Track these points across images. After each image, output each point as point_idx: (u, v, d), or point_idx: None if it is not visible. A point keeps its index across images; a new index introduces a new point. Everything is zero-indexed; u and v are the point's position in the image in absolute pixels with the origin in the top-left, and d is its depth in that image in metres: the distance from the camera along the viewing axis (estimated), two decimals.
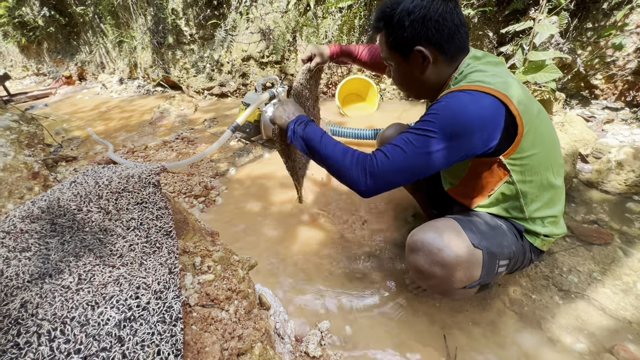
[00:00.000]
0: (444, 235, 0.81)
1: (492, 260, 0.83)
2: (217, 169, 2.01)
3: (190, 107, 3.16)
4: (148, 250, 0.59)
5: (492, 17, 2.17)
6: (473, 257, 0.80)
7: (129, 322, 0.45)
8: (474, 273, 0.81)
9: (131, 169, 0.77)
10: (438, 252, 0.80)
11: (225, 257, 0.86)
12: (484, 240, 0.82)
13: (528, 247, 0.90)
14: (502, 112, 0.74)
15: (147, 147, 2.43)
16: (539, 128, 0.79)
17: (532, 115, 0.78)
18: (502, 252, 0.84)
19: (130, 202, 0.66)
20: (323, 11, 2.79)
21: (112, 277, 0.52)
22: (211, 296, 0.69)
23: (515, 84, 0.78)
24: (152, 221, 0.64)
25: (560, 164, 0.89)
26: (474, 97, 0.74)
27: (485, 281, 0.85)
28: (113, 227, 0.61)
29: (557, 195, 0.89)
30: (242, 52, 3.28)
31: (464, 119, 0.72)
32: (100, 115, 3.50)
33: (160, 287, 0.51)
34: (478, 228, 0.85)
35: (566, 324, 0.99)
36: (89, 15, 4.64)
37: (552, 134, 0.87)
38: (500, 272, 0.86)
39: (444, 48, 0.80)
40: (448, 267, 0.79)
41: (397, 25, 0.80)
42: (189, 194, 1.71)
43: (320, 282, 1.21)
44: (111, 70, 4.86)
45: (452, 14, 0.77)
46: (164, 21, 3.73)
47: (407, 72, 0.87)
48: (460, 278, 0.81)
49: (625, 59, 1.98)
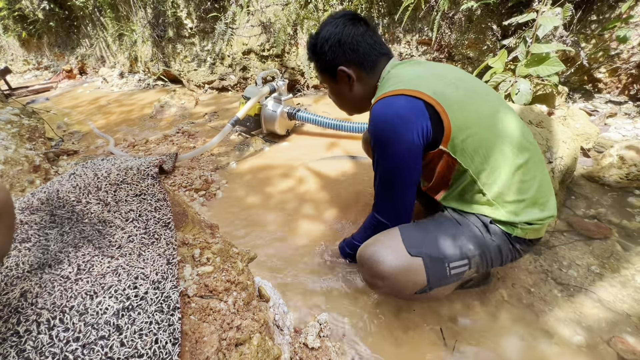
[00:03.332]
0: (382, 249, 0.88)
1: (437, 265, 0.85)
2: (218, 163, 2.01)
3: (191, 101, 3.16)
4: (146, 241, 0.59)
5: (495, 9, 2.14)
6: (411, 266, 0.85)
7: (127, 311, 0.45)
8: (418, 280, 0.85)
9: (130, 161, 0.77)
10: (375, 265, 0.86)
11: (224, 250, 0.87)
12: (425, 247, 0.85)
13: (504, 240, 0.87)
14: (418, 105, 0.79)
15: (148, 140, 2.43)
16: (469, 108, 0.81)
17: (456, 99, 0.81)
18: (453, 254, 0.85)
19: (129, 194, 0.66)
20: (324, 3, 2.77)
21: (111, 268, 0.52)
22: (210, 287, 0.69)
23: (427, 77, 0.84)
24: (150, 213, 0.64)
25: (521, 138, 0.85)
26: (387, 102, 0.82)
27: (439, 284, 0.87)
28: (112, 218, 0.62)
29: (527, 174, 0.84)
30: (242, 45, 3.26)
31: (385, 124, 0.80)
32: (100, 109, 3.49)
33: (158, 278, 0.52)
34: (421, 235, 0.88)
35: (564, 317, 1.00)
36: (89, 8, 4.61)
37: (495, 110, 0.85)
38: (457, 273, 0.86)
39: (363, 65, 0.91)
40: (387, 278, 0.85)
41: (319, 51, 0.93)
42: (190, 188, 1.72)
43: (321, 275, 1.21)
44: (112, 64, 4.85)
45: (364, 35, 0.89)
46: (164, 14, 3.71)
47: (339, 91, 0.99)
48: (404, 286, 0.86)
49: (630, 52, 1.96)
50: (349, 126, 1.98)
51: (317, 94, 3.08)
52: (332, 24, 0.91)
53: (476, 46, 2.32)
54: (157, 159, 0.77)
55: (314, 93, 3.12)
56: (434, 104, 0.79)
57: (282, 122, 2.15)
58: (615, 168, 1.50)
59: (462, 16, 2.20)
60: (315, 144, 2.15)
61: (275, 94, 2.11)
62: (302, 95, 3.09)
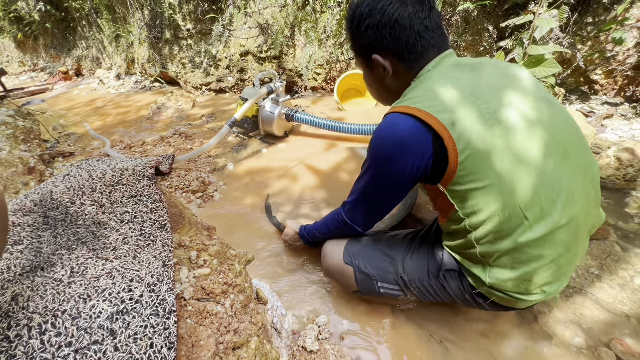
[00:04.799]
0: (330, 247, 1.01)
1: (365, 279, 0.92)
2: (215, 165, 2.00)
3: (188, 103, 3.14)
4: (142, 243, 0.58)
5: (491, 11, 2.15)
6: (343, 270, 0.96)
7: (122, 315, 0.44)
8: (350, 283, 0.96)
9: (125, 162, 0.76)
10: (323, 258, 1.02)
11: (221, 251, 0.86)
12: (360, 260, 0.93)
13: (459, 288, 0.80)
14: (422, 132, 0.64)
15: (145, 142, 2.42)
16: (496, 156, 0.62)
17: (482, 139, 0.62)
18: (384, 276, 0.90)
19: (124, 195, 0.65)
20: (321, 5, 2.77)
21: (105, 270, 0.51)
22: (207, 290, 0.68)
23: (461, 97, 0.65)
24: (146, 214, 0.63)
25: (549, 199, 0.64)
26: (393, 122, 0.68)
27: (371, 294, 0.96)
28: (107, 220, 0.61)
29: (537, 248, 0.66)
30: (240, 47, 3.26)
31: (383, 148, 0.71)
32: (97, 110, 3.47)
33: (153, 280, 0.51)
34: (363, 249, 0.95)
35: (564, 319, 0.99)
36: (85, 9, 4.59)
37: (534, 157, 0.64)
38: (388, 293, 0.92)
39: (404, 56, 0.72)
40: (329, 272, 1.02)
41: (355, 30, 0.75)
42: (187, 190, 1.70)
43: (319, 277, 1.20)
44: (108, 65, 4.83)
45: (413, 19, 0.69)
46: (160, 16, 3.70)
47: (372, 79, 0.84)
48: (343, 283, 1.00)
49: (625, 53, 1.97)
50: (347, 127, 1.98)
51: (315, 96, 3.08)
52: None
53: (473, 48, 2.33)
54: (153, 159, 0.76)
55: (311, 94, 3.11)
56: (443, 136, 0.63)
57: (279, 123, 2.14)
58: (612, 169, 1.51)
59: (459, 17, 2.21)
60: (313, 145, 2.14)
61: (272, 95, 2.11)
62: (300, 97, 3.09)
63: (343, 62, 2.89)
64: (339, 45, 2.81)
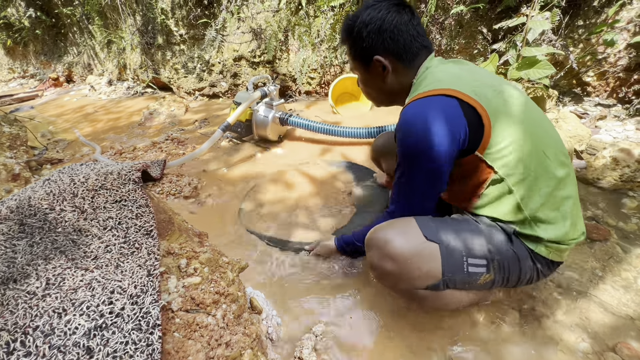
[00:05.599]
0: (394, 229, 0.82)
1: (454, 255, 0.78)
2: (208, 170, 1.95)
3: (181, 108, 3.10)
4: (126, 251, 0.54)
5: (484, 14, 2.17)
6: (426, 250, 0.78)
7: (100, 330, 0.40)
8: (431, 268, 0.77)
9: (111, 166, 0.72)
10: (385, 244, 0.79)
11: (213, 259, 0.82)
12: (442, 234, 0.79)
13: (526, 255, 0.81)
14: (455, 108, 0.74)
15: (136, 148, 2.36)
16: (511, 115, 0.75)
17: (498, 104, 0.75)
18: (471, 248, 0.78)
19: (108, 200, 0.61)
20: (315, 10, 2.77)
21: (84, 281, 0.47)
22: (197, 300, 0.64)
23: (468, 78, 0.78)
24: (131, 220, 0.59)
25: (560, 152, 0.80)
26: (421, 105, 0.76)
27: (455, 281, 0.80)
28: (88, 227, 0.57)
29: (562, 189, 0.79)
30: (233, 52, 3.24)
31: (416, 135, 0.75)
32: (87, 117, 3.41)
33: (137, 291, 0.47)
34: (439, 224, 0.82)
35: (568, 322, 0.97)
36: (77, 16, 4.55)
37: (537, 120, 0.80)
38: (474, 272, 0.79)
39: (402, 57, 0.84)
40: (397, 260, 0.77)
41: (356, 36, 0.85)
42: (178, 195, 1.66)
43: (316, 285, 1.16)
44: (100, 71, 4.77)
45: (408, 25, 0.81)
46: (153, 21, 3.67)
47: (371, 81, 0.92)
48: (416, 274, 0.78)
49: (617, 55, 1.99)
50: (343, 131, 1.96)
51: (309, 100, 3.06)
52: (374, 8, 0.82)
53: (466, 51, 2.34)
54: (140, 163, 0.72)
55: (305, 99, 3.10)
56: (476, 106, 0.73)
57: (274, 127, 2.11)
58: (609, 170, 1.50)
59: (452, 21, 2.22)
60: (308, 150, 2.11)
61: (266, 99, 2.08)
62: (294, 101, 3.07)
63: (337, 66, 2.88)
64: (333, 50, 2.81)
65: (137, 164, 0.70)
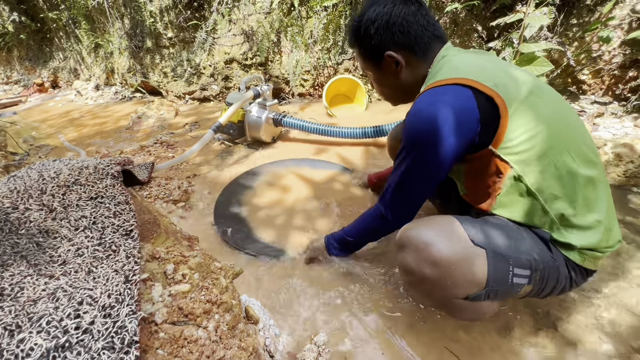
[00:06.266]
0: (435, 229, 0.72)
1: (501, 264, 0.69)
2: (199, 172, 1.87)
3: (171, 112, 3.01)
4: (100, 254, 0.46)
5: (479, 13, 2.15)
6: (472, 256, 0.69)
7: (62, 351, 0.32)
8: (476, 276, 0.68)
9: (87, 160, 0.64)
10: (426, 246, 0.69)
11: (204, 264, 0.74)
12: (489, 238, 0.71)
13: (563, 262, 0.74)
14: (469, 96, 0.69)
15: (123, 152, 2.27)
16: (531, 107, 0.70)
17: (518, 95, 0.70)
18: (518, 257, 0.70)
19: (82, 197, 0.53)
20: (307, 10, 2.73)
21: (47, 291, 0.39)
22: (185, 310, 0.56)
23: (488, 67, 0.74)
24: (108, 219, 0.51)
25: (587, 150, 0.73)
26: (434, 95, 0.72)
27: (497, 292, 0.71)
28: (57, 227, 0.49)
29: (592, 190, 0.71)
30: (224, 54, 3.17)
31: (425, 124, 0.71)
32: (72, 122, 3.29)
33: (110, 301, 0.39)
34: (484, 226, 0.74)
35: (585, 324, 0.91)
36: (63, 20, 4.44)
37: (561, 113, 0.74)
38: (517, 283, 0.71)
39: (414, 49, 0.80)
40: (439, 265, 0.68)
41: (364, 35, 0.82)
42: (167, 199, 1.57)
43: (316, 290, 1.09)
44: (87, 76, 4.65)
45: (417, 15, 0.78)
46: (141, 24, 3.59)
47: (384, 80, 0.88)
48: (458, 282, 0.69)
49: (611, 53, 1.98)
50: (338, 131, 1.90)
51: (303, 102, 3.01)
52: (379, 3, 0.79)
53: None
54: (120, 158, 0.64)
55: (299, 101, 3.04)
56: (494, 96, 0.68)
57: (267, 128, 2.04)
58: (612, 166, 1.47)
59: (447, 19, 2.20)
60: (302, 151, 2.05)
61: (259, 99, 2.01)
62: (287, 104, 3.01)
63: (330, 67, 2.84)
64: (326, 51, 2.77)
65: (117, 158, 0.63)
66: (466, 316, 0.82)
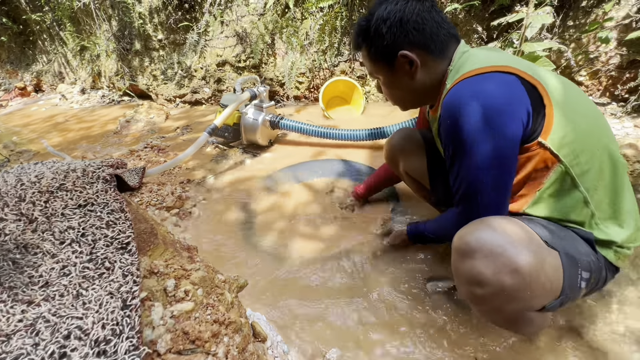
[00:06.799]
0: (504, 230, 0.61)
1: (573, 268, 0.63)
2: (193, 178, 1.78)
3: (161, 115, 2.91)
4: (91, 273, 0.38)
5: (478, 13, 2.14)
6: (548, 260, 0.61)
7: None
8: (554, 282, 0.61)
9: (74, 163, 0.56)
10: (503, 251, 0.58)
11: (208, 278, 0.66)
12: (556, 238, 0.64)
13: (604, 263, 0.70)
14: (516, 81, 0.66)
15: (112, 157, 2.16)
16: (569, 98, 0.68)
17: (557, 86, 0.68)
18: (581, 259, 0.65)
19: (68, 205, 0.45)
20: (303, 12, 2.68)
21: (25, 322, 0.31)
22: (191, 335, 0.48)
23: (516, 60, 0.72)
24: (99, 230, 0.43)
25: (613, 139, 0.72)
26: (474, 83, 0.67)
27: (568, 299, 0.65)
28: (38, 241, 0.41)
29: (626, 183, 0.70)
30: (216, 57, 3.10)
31: (475, 113, 0.64)
32: (56, 126, 3.15)
33: (105, 334, 0.31)
34: (545, 225, 0.68)
35: (610, 331, 0.86)
36: (47, 22, 4.29)
37: (590, 104, 0.73)
38: (582, 287, 0.65)
39: (430, 47, 0.75)
40: (520, 272, 0.57)
41: (375, 35, 0.77)
42: (160, 206, 1.48)
43: (324, 300, 1.01)
44: (72, 80, 4.49)
45: (431, 12, 0.74)
46: (130, 26, 3.49)
47: (397, 82, 0.82)
48: (537, 291, 0.60)
49: (608, 54, 1.99)
50: (339, 134, 1.84)
51: (298, 105, 2.95)
52: (390, 1, 0.75)
53: None
54: (112, 160, 0.57)
55: (294, 104, 2.98)
56: (537, 84, 0.65)
57: (264, 131, 1.97)
58: None
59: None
60: (301, 155, 1.98)
61: (256, 101, 1.94)
62: (282, 106, 2.95)
63: (326, 69, 2.79)
64: (322, 53, 2.72)
65: (108, 160, 0.55)
66: (533, 330, 0.73)
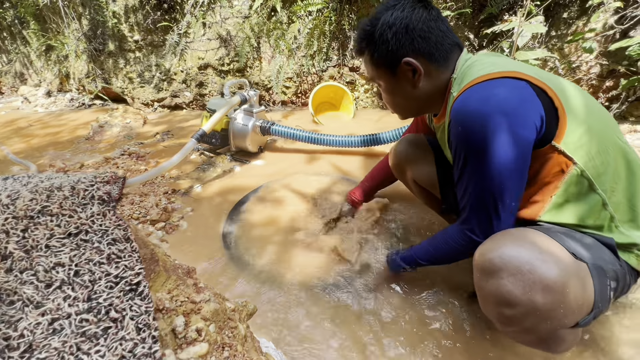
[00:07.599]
0: (530, 245, 0.58)
1: (602, 278, 0.60)
2: (178, 187, 1.65)
3: (138, 120, 2.73)
4: (93, 328, 0.29)
5: (468, 21, 2.16)
6: (578, 273, 0.58)
7: None
8: (587, 296, 0.58)
9: (57, 178, 0.45)
10: (533, 268, 0.55)
11: (220, 310, 0.56)
12: (583, 249, 0.61)
13: (628, 269, 0.68)
14: (526, 87, 0.65)
15: (84, 165, 1.97)
16: (578, 100, 0.68)
17: (564, 88, 0.68)
18: (608, 267, 0.62)
19: (55, 234, 0.35)
20: (290, 15, 2.62)
21: None
22: None
23: (521, 64, 0.71)
24: (98, 266, 0.33)
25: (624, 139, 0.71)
26: (483, 88, 0.65)
27: (600, 312, 0.62)
28: (15, 285, 0.30)
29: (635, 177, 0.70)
30: (198, 59, 2.96)
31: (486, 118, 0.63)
32: (18, 131, 2.88)
33: None
34: (567, 234, 0.65)
35: (633, 341, 0.84)
36: (7, 19, 3.96)
37: (596, 104, 0.72)
38: (611, 297, 0.63)
39: (434, 56, 0.75)
40: (552, 289, 0.54)
41: (379, 40, 0.76)
42: (144, 220, 1.34)
43: (333, 320, 0.93)
44: (35, 82, 4.16)
45: (437, 21, 0.74)
46: (103, 25, 3.27)
47: (398, 89, 0.81)
48: (570, 307, 0.56)
49: (588, 64, 2.07)
50: (334, 140, 1.78)
51: (285, 110, 2.87)
52: (397, 7, 0.73)
53: None
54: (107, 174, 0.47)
55: (281, 109, 2.90)
56: (546, 89, 0.64)
57: (254, 137, 1.87)
58: None
59: None
60: (293, 161, 1.90)
61: (245, 105, 1.84)
62: (269, 112, 2.85)
63: (314, 74, 2.74)
64: (310, 57, 2.66)
65: (102, 174, 0.45)
66: (565, 347, 0.69)
